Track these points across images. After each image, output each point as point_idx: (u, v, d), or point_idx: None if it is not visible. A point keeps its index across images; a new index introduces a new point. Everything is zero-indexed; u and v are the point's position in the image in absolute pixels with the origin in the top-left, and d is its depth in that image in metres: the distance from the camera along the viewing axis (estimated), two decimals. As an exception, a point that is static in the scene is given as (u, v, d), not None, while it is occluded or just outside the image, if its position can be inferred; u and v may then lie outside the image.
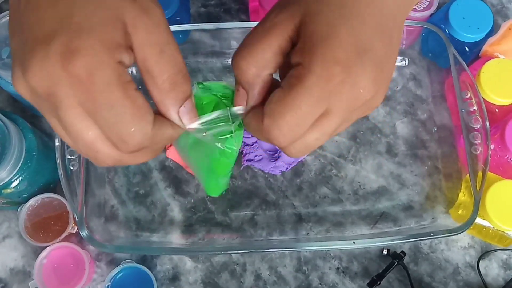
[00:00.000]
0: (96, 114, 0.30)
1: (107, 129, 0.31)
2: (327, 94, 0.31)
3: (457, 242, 0.66)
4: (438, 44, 0.67)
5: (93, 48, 0.29)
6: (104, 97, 0.29)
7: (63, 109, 0.30)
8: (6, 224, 0.67)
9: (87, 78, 0.29)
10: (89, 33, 0.29)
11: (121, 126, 0.30)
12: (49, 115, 0.32)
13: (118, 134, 0.31)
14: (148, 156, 0.34)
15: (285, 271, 0.65)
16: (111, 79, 0.29)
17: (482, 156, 0.59)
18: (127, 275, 0.62)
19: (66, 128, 0.31)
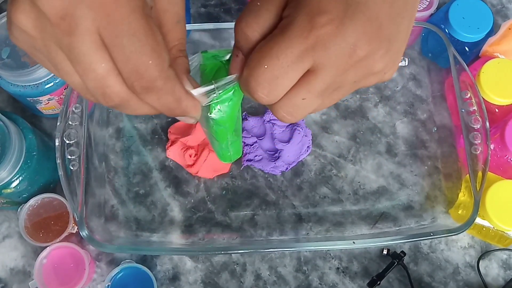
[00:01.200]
0: (114, 42, 0.27)
1: (124, 59, 0.28)
2: (310, 46, 0.29)
3: (457, 242, 0.67)
4: (438, 44, 0.67)
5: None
6: (127, 23, 0.27)
7: (78, 34, 0.26)
8: (6, 224, 0.67)
9: (113, 1, 0.26)
10: None
11: (140, 57, 0.28)
12: (54, 47, 0.28)
13: (134, 65, 0.28)
14: (155, 103, 0.30)
15: (285, 271, 0.65)
16: (137, 5, 0.27)
17: (482, 156, 0.59)
18: (127, 275, 0.62)
19: (77, 59, 0.28)
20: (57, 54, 0.28)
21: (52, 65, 0.29)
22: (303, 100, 0.31)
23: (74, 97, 0.60)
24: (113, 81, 0.28)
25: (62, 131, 0.59)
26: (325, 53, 0.29)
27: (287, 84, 0.30)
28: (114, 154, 0.69)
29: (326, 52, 0.29)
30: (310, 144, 0.68)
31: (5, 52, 0.61)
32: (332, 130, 0.70)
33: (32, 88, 0.62)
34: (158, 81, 0.29)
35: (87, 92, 0.30)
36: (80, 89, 0.30)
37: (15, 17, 0.27)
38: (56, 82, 0.63)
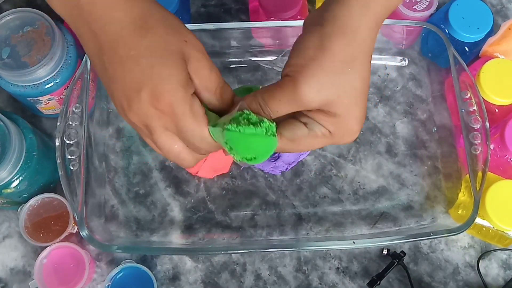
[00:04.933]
0: (178, 134, 0.43)
1: (187, 143, 0.44)
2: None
3: (457, 242, 0.67)
4: (438, 44, 0.67)
5: (173, 89, 0.40)
6: (181, 124, 0.42)
7: (156, 134, 0.43)
8: (6, 224, 0.67)
9: (170, 112, 0.41)
10: (168, 79, 0.40)
11: (194, 140, 0.43)
12: (146, 138, 0.45)
13: (193, 144, 0.44)
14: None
15: (285, 271, 0.65)
16: (185, 111, 0.41)
17: (482, 156, 0.60)
18: (127, 275, 0.62)
19: (159, 147, 0.44)
20: (147, 140, 0.45)
21: (148, 143, 0.46)
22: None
23: (74, 97, 0.60)
24: (185, 154, 0.45)
25: (62, 131, 0.59)
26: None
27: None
28: (114, 154, 0.69)
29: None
30: (310, 144, 0.68)
31: (5, 52, 0.61)
32: (332, 130, 0.70)
33: (32, 88, 0.62)
34: (211, 147, 0.45)
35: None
36: (169, 159, 0.48)
37: (120, 115, 0.44)
38: (56, 82, 0.63)
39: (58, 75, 0.63)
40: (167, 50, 0.41)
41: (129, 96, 0.41)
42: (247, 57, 0.72)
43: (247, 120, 0.43)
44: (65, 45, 0.63)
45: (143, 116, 0.41)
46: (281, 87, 0.43)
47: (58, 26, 0.63)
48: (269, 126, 0.43)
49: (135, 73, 0.40)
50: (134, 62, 0.40)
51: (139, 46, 0.40)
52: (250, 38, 0.70)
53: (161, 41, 0.41)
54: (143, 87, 0.40)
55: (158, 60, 0.40)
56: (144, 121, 0.42)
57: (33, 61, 0.61)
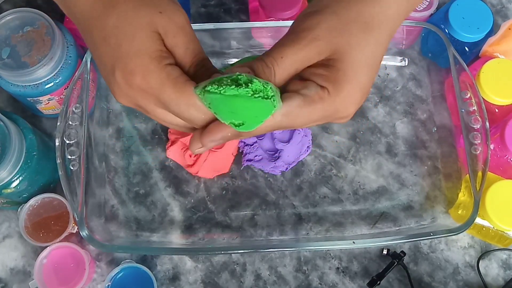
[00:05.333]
0: (166, 108, 0.40)
1: (177, 115, 0.41)
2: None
3: (457, 242, 0.67)
4: (438, 44, 0.67)
5: (142, 63, 0.38)
6: (162, 96, 0.39)
7: (150, 112, 0.41)
8: (6, 224, 0.67)
9: (148, 87, 0.39)
10: (135, 54, 0.38)
11: (180, 110, 0.40)
12: (145, 113, 0.43)
13: (183, 116, 0.40)
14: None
15: (285, 271, 0.65)
16: (162, 81, 0.39)
17: (482, 156, 0.60)
18: (127, 275, 0.62)
19: (161, 122, 0.43)
20: (147, 113, 0.43)
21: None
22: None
23: (74, 97, 0.60)
24: (179, 121, 0.42)
25: (62, 131, 0.59)
26: (336, 121, 0.43)
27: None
28: (114, 154, 0.69)
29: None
30: (310, 144, 0.68)
31: (5, 52, 0.61)
32: (332, 130, 0.70)
33: (32, 88, 0.62)
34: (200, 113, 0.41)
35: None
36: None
37: (119, 102, 0.42)
38: (56, 82, 0.63)
39: (58, 75, 0.63)
40: (134, 24, 0.39)
41: (109, 79, 0.40)
42: (247, 57, 0.72)
43: (233, 81, 0.38)
44: (65, 45, 0.63)
45: (127, 97, 0.40)
46: (286, 35, 0.40)
47: (58, 26, 0.63)
48: (261, 87, 0.38)
49: (107, 55, 0.39)
50: (104, 43, 0.39)
51: (107, 26, 0.39)
52: (250, 38, 0.70)
53: (128, 16, 0.39)
54: (115, 68, 0.39)
55: (125, 37, 0.39)
56: (132, 102, 0.41)
57: (33, 61, 0.61)
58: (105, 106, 0.70)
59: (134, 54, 0.39)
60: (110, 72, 0.39)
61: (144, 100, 0.40)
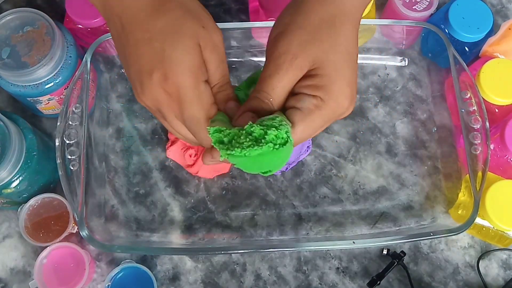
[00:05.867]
0: (185, 122, 0.43)
1: (191, 132, 0.44)
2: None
3: (457, 242, 0.67)
4: (438, 44, 0.67)
5: (182, 74, 0.40)
6: (185, 111, 0.42)
7: (167, 119, 0.44)
8: (6, 224, 0.67)
9: (177, 97, 0.41)
10: (178, 63, 0.40)
11: (194, 130, 0.44)
12: (160, 119, 0.45)
13: (196, 134, 0.44)
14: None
15: (285, 271, 0.65)
16: (191, 97, 0.41)
17: (482, 156, 0.60)
18: (127, 275, 0.62)
19: (174, 132, 0.46)
20: (161, 121, 0.46)
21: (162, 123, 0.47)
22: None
23: (74, 97, 0.60)
24: (191, 138, 0.46)
25: (62, 131, 0.59)
26: (335, 119, 0.45)
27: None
28: (114, 154, 0.69)
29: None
30: (310, 144, 0.68)
31: (5, 52, 0.61)
32: (332, 130, 0.70)
33: (32, 88, 0.62)
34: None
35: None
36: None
37: (137, 99, 0.44)
38: (56, 82, 0.63)
39: (58, 75, 0.63)
40: (180, 33, 0.41)
41: (142, 78, 0.41)
42: (247, 57, 0.72)
43: (249, 136, 0.40)
44: (65, 45, 0.63)
45: (154, 100, 0.42)
46: (267, 65, 0.42)
47: (58, 26, 0.63)
48: (276, 133, 0.39)
49: (148, 56, 0.41)
50: (148, 45, 0.41)
51: (153, 29, 0.41)
52: (250, 38, 0.70)
53: (176, 24, 0.41)
54: (154, 70, 0.40)
55: (170, 43, 0.40)
56: (156, 105, 0.43)
57: (33, 61, 0.61)
58: (105, 106, 0.70)
59: (175, 62, 0.40)
60: (147, 73, 0.41)
61: (169, 108, 0.42)
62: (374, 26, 0.70)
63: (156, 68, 0.41)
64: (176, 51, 0.40)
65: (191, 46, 0.41)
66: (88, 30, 0.68)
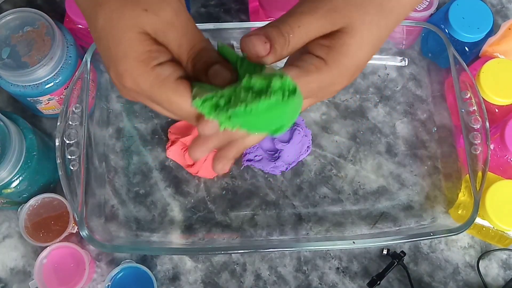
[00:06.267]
0: (159, 106, 0.40)
1: (171, 114, 0.41)
2: (325, 91, 0.40)
3: (457, 242, 0.67)
4: (438, 44, 0.67)
5: (130, 67, 0.38)
6: (154, 98, 0.39)
7: (146, 103, 0.41)
8: (6, 224, 0.67)
9: (138, 89, 0.39)
10: (123, 58, 0.38)
11: (174, 111, 0.39)
12: (143, 103, 0.42)
13: (178, 116, 0.40)
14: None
15: (285, 271, 0.65)
16: (151, 84, 0.38)
17: (482, 156, 0.60)
18: (127, 275, 0.62)
19: (167, 115, 0.41)
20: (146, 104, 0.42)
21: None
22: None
23: (74, 97, 0.60)
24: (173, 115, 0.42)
25: (62, 131, 0.59)
26: (328, 95, 0.43)
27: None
28: (114, 154, 0.69)
29: (329, 95, 0.43)
30: (310, 144, 0.68)
31: (5, 52, 0.61)
32: (332, 130, 0.70)
33: (32, 88, 0.62)
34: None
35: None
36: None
37: (121, 93, 0.42)
38: (56, 82, 0.63)
39: (58, 75, 0.63)
40: (119, 27, 0.38)
41: (111, 76, 0.41)
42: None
43: (251, 90, 0.34)
44: (65, 45, 0.63)
45: (127, 94, 0.41)
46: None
47: (58, 26, 0.63)
48: (280, 81, 0.34)
49: (103, 55, 0.40)
50: (98, 44, 0.40)
51: (97, 27, 0.39)
52: (250, 38, 0.70)
53: (114, 18, 0.39)
54: (109, 69, 0.40)
55: (112, 39, 0.39)
56: (132, 97, 0.41)
57: (33, 61, 0.61)
58: (105, 106, 0.70)
59: (121, 58, 0.38)
60: (108, 71, 0.40)
61: (140, 98, 0.40)
62: (374, 26, 0.70)
63: (110, 67, 0.40)
64: (119, 47, 0.38)
65: (134, 37, 0.38)
66: (88, 30, 0.68)
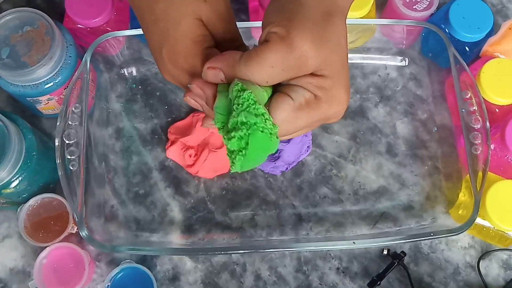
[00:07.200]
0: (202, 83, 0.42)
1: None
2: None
3: (457, 242, 0.66)
4: (438, 44, 0.67)
5: (186, 46, 0.43)
6: (198, 71, 0.42)
7: (182, 84, 0.44)
8: (6, 224, 0.67)
9: (189, 66, 0.43)
10: (180, 38, 0.43)
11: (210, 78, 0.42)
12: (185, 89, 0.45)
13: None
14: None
15: (285, 271, 0.65)
16: (202, 62, 0.42)
17: (482, 156, 0.59)
18: (127, 275, 0.62)
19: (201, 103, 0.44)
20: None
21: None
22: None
23: (74, 97, 0.60)
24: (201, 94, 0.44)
25: (62, 131, 0.59)
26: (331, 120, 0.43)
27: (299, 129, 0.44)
28: (114, 154, 0.69)
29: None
30: (310, 144, 0.68)
31: (5, 52, 0.61)
32: (332, 130, 0.70)
33: (32, 88, 0.62)
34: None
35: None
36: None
37: (163, 75, 0.46)
38: (55, 82, 0.63)
39: (57, 75, 0.63)
40: (181, 11, 0.43)
41: (156, 58, 0.45)
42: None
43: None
44: (65, 45, 0.63)
45: (171, 75, 0.45)
46: (270, 48, 0.38)
47: (57, 26, 0.63)
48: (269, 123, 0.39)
49: (156, 36, 0.44)
50: (154, 25, 0.44)
51: (157, 9, 0.44)
52: (250, 38, 0.70)
53: (175, 2, 0.43)
54: (162, 48, 0.43)
55: (172, 21, 0.43)
56: (175, 79, 0.45)
57: (33, 61, 0.61)
58: (104, 106, 0.70)
59: (179, 38, 0.43)
60: (158, 51, 0.44)
61: (185, 78, 0.44)
62: (374, 26, 0.70)
63: (163, 46, 0.43)
64: (178, 28, 0.43)
65: (192, 22, 0.43)
66: (88, 30, 0.68)
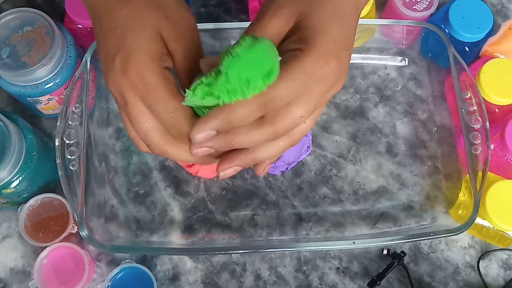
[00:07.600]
0: (151, 107, 0.40)
1: (157, 117, 0.41)
2: (314, 80, 0.38)
3: (457, 242, 0.66)
4: (438, 44, 0.67)
5: (142, 60, 0.40)
6: (151, 94, 0.40)
7: (129, 105, 0.41)
8: (6, 224, 0.67)
9: (141, 82, 0.40)
10: (137, 50, 0.41)
11: (164, 112, 0.40)
12: (121, 111, 0.43)
13: (164, 119, 0.40)
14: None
15: (285, 271, 0.65)
16: (157, 81, 0.40)
17: (482, 156, 0.59)
18: (127, 275, 0.62)
19: (131, 120, 0.42)
20: (123, 115, 0.44)
21: (123, 119, 0.45)
22: (301, 118, 0.40)
23: (74, 97, 0.60)
24: (154, 135, 0.42)
25: (62, 131, 0.59)
26: (322, 85, 0.40)
27: (292, 100, 0.40)
28: (114, 154, 0.69)
29: (323, 84, 0.40)
30: (310, 144, 0.68)
31: (5, 52, 0.61)
32: (332, 130, 0.70)
33: (32, 88, 0.62)
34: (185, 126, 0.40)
35: (140, 144, 0.44)
36: (139, 139, 0.44)
37: (108, 86, 0.43)
38: (56, 82, 0.63)
39: (58, 75, 0.63)
40: (141, 22, 0.42)
41: (107, 64, 0.42)
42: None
43: (232, 49, 0.36)
44: (65, 45, 0.63)
45: (117, 85, 0.41)
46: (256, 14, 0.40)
47: (58, 26, 0.63)
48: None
49: (112, 43, 0.42)
50: (112, 32, 0.42)
51: (118, 17, 0.42)
52: (250, 38, 0.70)
53: (138, 14, 0.42)
54: (116, 56, 0.41)
55: (131, 30, 0.42)
56: (119, 90, 0.42)
57: (33, 61, 0.61)
58: (105, 106, 0.70)
59: (136, 49, 0.41)
60: (111, 58, 0.42)
61: (131, 92, 0.41)
62: (374, 26, 0.70)
63: (117, 54, 0.41)
64: (136, 39, 0.41)
65: (151, 35, 0.42)
66: (88, 30, 0.68)
